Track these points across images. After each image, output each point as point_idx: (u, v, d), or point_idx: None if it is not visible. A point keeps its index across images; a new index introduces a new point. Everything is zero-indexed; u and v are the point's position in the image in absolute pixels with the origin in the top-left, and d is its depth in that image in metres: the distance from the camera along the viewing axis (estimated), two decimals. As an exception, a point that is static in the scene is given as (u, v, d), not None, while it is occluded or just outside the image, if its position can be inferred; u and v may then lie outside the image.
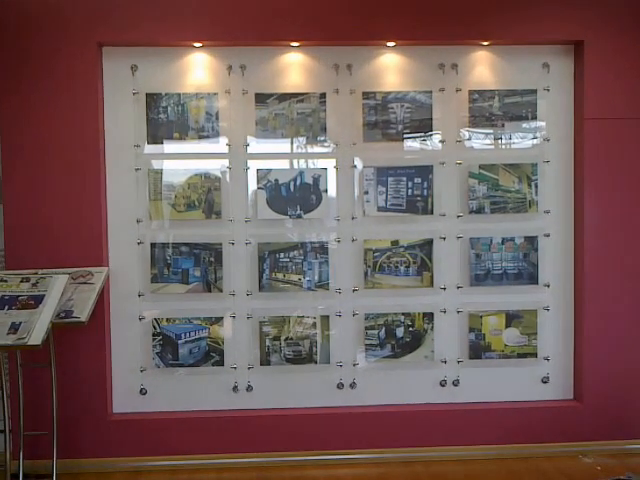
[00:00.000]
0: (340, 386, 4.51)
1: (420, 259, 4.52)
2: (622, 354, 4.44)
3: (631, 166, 4.40)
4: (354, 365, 4.52)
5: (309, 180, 4.45)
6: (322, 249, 4.48)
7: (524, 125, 4.54)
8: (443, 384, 4.56)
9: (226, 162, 4.42)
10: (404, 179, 4.48)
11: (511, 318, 4.56)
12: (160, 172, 4.39)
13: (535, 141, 4.55)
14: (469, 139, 4.52)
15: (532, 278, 4.55)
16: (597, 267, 4.43)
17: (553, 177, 4.55)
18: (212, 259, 4.43)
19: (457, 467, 4.30)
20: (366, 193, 4.47)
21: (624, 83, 4.37)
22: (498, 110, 4.51)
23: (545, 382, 4.59)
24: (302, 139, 4.44)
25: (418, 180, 4.48)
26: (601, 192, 4.42)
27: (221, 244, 4.43)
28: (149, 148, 4.39)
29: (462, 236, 4.53)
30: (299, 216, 4.45)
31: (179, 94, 4.39)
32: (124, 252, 4.40)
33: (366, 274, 4.49)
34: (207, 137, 4.41)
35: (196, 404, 4.46)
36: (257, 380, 4.49)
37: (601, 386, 4.45)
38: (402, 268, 4.52)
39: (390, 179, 4.47)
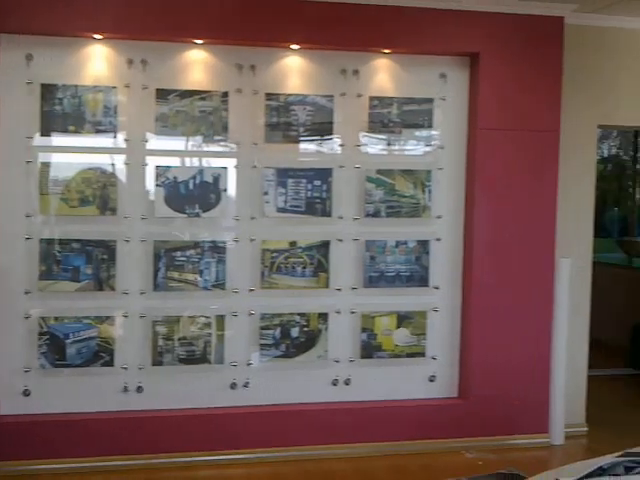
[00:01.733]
0: (233, 386, 4.68)
1: (317, 260, 4.77)
2: (504, 354, 4.86)
3: (519, 175, 4.83)
4: (248, 365, 4.71)
5: (209, 179, 4.59)
6: (219, 248, 4.63)
7: (420, 133, 4.87)
8: (335, 383, 4.83)
9: (123, 158, 4.48)
10: (304, 181, 4.71)
11: (402, 319, 4.91)
12: (51, 166, 4.38)
13: (430, 148, 4.90)
14: (368, 144, 4.81)
15: (423, 281, 4.91)
16: (484, 271, 4.83)
17: (446, 184, 4.91)
18: (105, 256, 4.47)
19: (347, 464, 4.58)
20: (266, 194, 4.66)
21: (516, 94, 4.77)
22: (396, 117, 4.82)
23: (432, 380, 4.97)
24: (203, 137, 4.57)
25: (317, 182, 4.73)
26: (490, 199, 4.82)
27: (115, 241, 4.49)
28: (41, 140, 4.37)
29: (358, 239, 4.81)
30: (197, 215, 4.59)
31: (76, 86, 4.39)
32: (11, 248, 4.37)
33: (263, 274, 4.69)
34: (104, 131, 4.44)
35: (84, 406, 4.49)
36: (148, 381, 4.59)
37: (484, 384, 4.86)
38: (299, 269, 4.75)
39: (290, 180, 4.69)
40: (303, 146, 4.71)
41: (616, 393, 6.49)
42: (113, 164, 4.47)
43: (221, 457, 4.54)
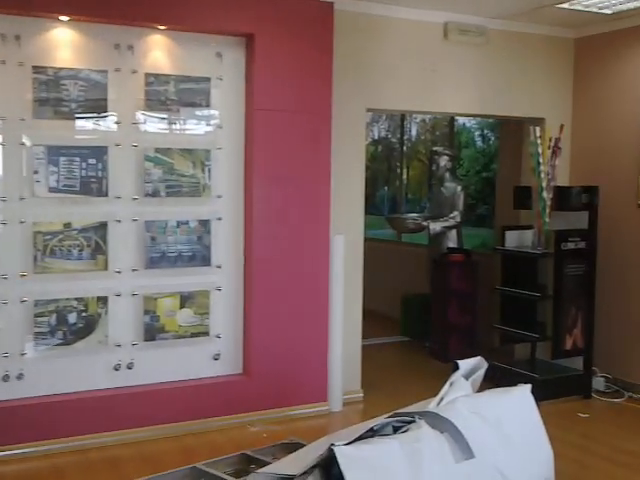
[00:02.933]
0: (6, 378, 4.48)
1: (94, 242, 4.67)
2: (285, 329, 5.11)
3: (294, 156, 5.07)
4: (22, 355, 4.52)
5: (-30, 157, 4.32)
6: (-15, 232, 4.39)
7: (199, 112, 4.94)
8: (117, 368, 4.79)
9: None
10: (78, 159, 4.57)
11: (185, 299, 4.97)
12: None
13: (209, 128, 4.98)
14: (145, 122, 4.78)
15: (205, 260, 5.00)
16: (264, 249, 5.03)
17: (225, 163, 5.03)
18: None
19: (133, 449, 4.57)
20: (36, 173, 4.47)
21: (291, 77, 4.99)
22: (174, 95, 4.84)
23: (217, 359, 5.10)
24: (-39, 112, 4.29)
25: (92, 161, 4.62)
26: (268, 179, 5.02)
27: None
28: None
29: (138, 219, 4.79)
30: (-43, 196, 4.30)
31: None
32: None
33: (36, 258, 4.51)
34: None
35: None
36: None
37: (266, 359, 5.07)
38: (75, 252, 4.63)
39: (62, 159, 4.53)
40: (77, 123, 4.58)
41: (389, 359, 7.07)
42: None
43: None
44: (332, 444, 2.89)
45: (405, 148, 10.08)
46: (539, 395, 5.31)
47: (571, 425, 5.13)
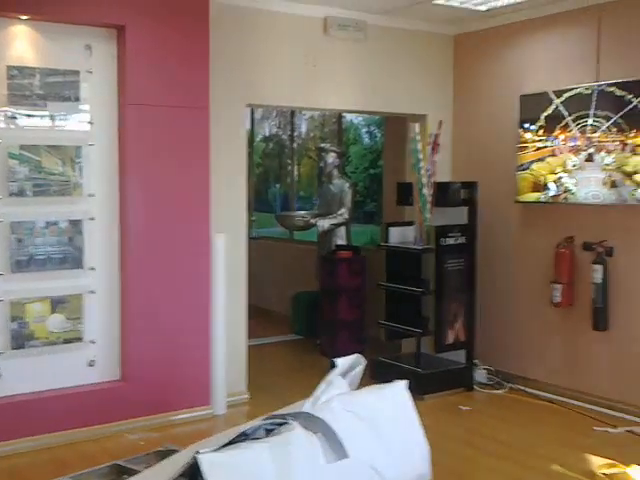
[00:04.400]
0: None
1: (-47, 246, 4.39)
2: (164, 333, 4.95)
3: (171, 152, 4.92)
4: None
5: None
6: None
7: (68, 106, 4.71)
8: (-17, 379, 4.53)
9: None
10: None
11: (56, 304, 4.74)
12: None
13: (79, 123, 4.77)
14: (9, 117, 4.53)
15: (77, 262, 4.78)
16: (141, 250, 4.86)
17: (98, 161, 4.83)
18: None
19: (2, 464, 4.33)
20: None
21: (165, 71, 4.84)
22: (40, 89, 4.60)
23: (92, 365, 4.89)
24: None
25: (-51, 159, 4.34)
26: (144, 177, 4.85)
27: None
28: None
29: (2, 220, 4.53)
30: None
31: None
32: None
33: None
34: None
35: None
36: None
37: (146, 364, 4.90)
38: None
39: None
40: None
41: (279, 359, 7.02)
42: None
43: None
44: (197, 451, 2.80)
45: (296, 145, 10.06)
46: (424, 389, 5.47)
47: (453, 418, 5.22)
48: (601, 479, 3.98)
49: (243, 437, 3.18)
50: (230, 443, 3.07)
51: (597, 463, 4.22)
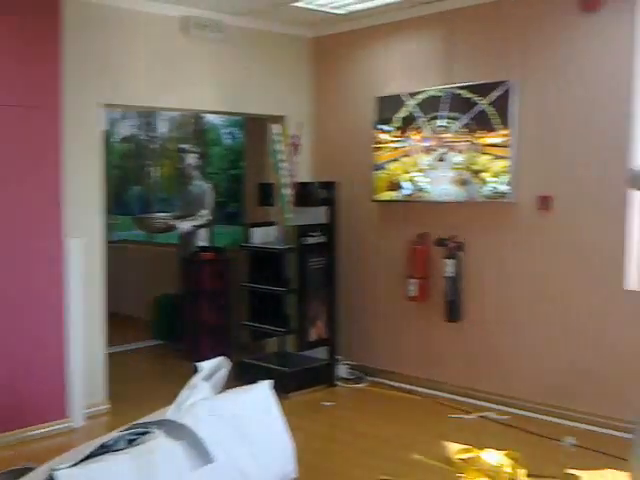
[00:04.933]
0: None
1: None
2: (14, 345, 4.64)
3: (19, 155, 4.64)
4: None
5: None
6: None
7: None
8: None
9: None
10: None
11: None
12: None
13: None
14: None
15: None
16: (-12, 257, 4.58)
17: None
18: None
19: None
20: None
21: (12, 69, 4.55)
22: None
23: None
24: None
25: None
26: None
27: None
28: None
29: None
30: None
31: None
32: None
33: None
34: None
35: None
36: None
37: (-5, 378, 4.63)
38: None
39: None
40: None
41: (141, 366, 6.84)
42: None
43: None
44: (52, 469, 2.67)
45: (156, 146, 9.85)
46: (288, 388, 5.50)
47: (317, 415, 5.29)
48: (458, 464, 4.14)
49: (103, 450, 3.07)
50: (90, 457, 2.96)
51: (454, 449, 4.39)
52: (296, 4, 5.56)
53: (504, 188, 5.11)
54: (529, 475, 3.96)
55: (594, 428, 4.75)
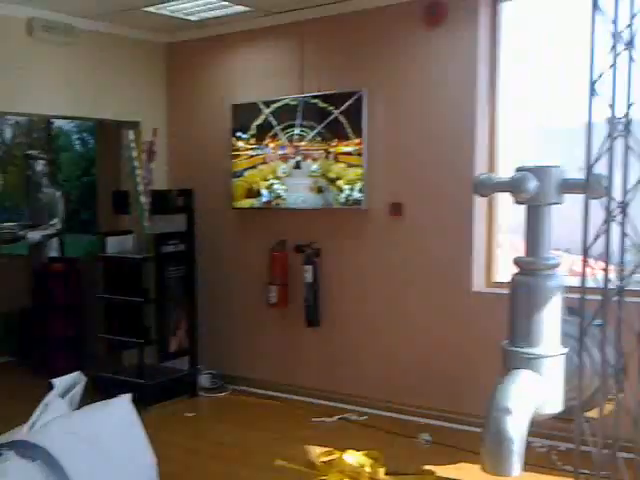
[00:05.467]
0: None
1: None
2: None
3: None
4: None
5: None
6: None
7: None
8: None
9: None
10: None
11: None
12: None
13: None
14: None
15: None
16: None
17: None
18: None
19: None
20: None
21: None
22: None
23: None
24: None
25: None
26: None
27: None
28: None
29: None
30: None
31: None
32: None
33: None
34: None
35: None
36: None
37: None
38: None
39: None
40: None
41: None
42: None
43: None
44: None
45: (0, 152, 9.32)
46: (149, 400, 5.37)
47: (179, 426, 5.21)
48: (320, 467, 4.22)
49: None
50: None
51: (316, 452, 4.47)
52: (148, 9, 5.46)
53: (358, 195, 5.26)
54: (388, 473, 4.09)
55: (448, 424, 4.99)
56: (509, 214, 4.94)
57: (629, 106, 3.14)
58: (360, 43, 5.35)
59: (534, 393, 3.56)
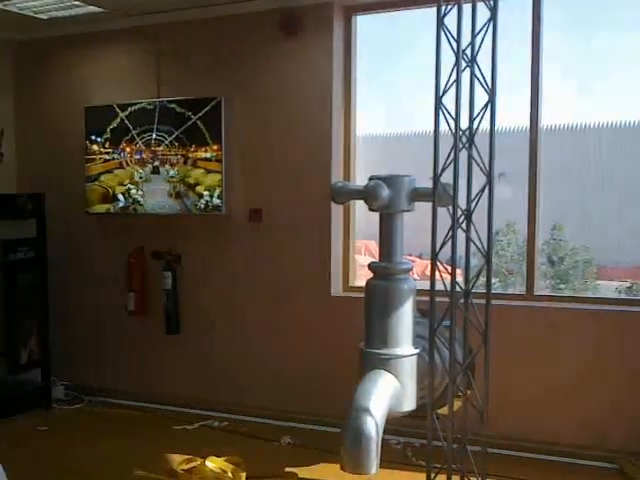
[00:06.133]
0: None
1: None
2: None
3: None
4: None
5: None
6: None
7: None
8: None
9: None
10: None
11: None
12: None
13: None
14: None
15: None
16: None
17: None
18: None
19: None
20: None
21: None
22: None
23: None
24: None
25: None
26: None
27: None
28: None
29: None
30: None
31: None
32: None
33: None
34: None
35: None
36: None
37: None
38: None
39: None
40: None
41: None
42: None
43: None
44: None
45: None
46: (-5, 416, 5.10)
47: (30, 441, 4.98)
48: (181, 475, 4.17)
49: None
50: None
51: (177, 460, 4.40)
52: (-7, 5, 5.17)
53: (217, 201, 5.24)
54: (249, 477, 4.11)
55: (310, 426, 5.08)
56: (367, 220, 5.08)
57: (472, 120, 3.33)
58: (220, 49, 5.33)
59: (390, 392, 3.69)
